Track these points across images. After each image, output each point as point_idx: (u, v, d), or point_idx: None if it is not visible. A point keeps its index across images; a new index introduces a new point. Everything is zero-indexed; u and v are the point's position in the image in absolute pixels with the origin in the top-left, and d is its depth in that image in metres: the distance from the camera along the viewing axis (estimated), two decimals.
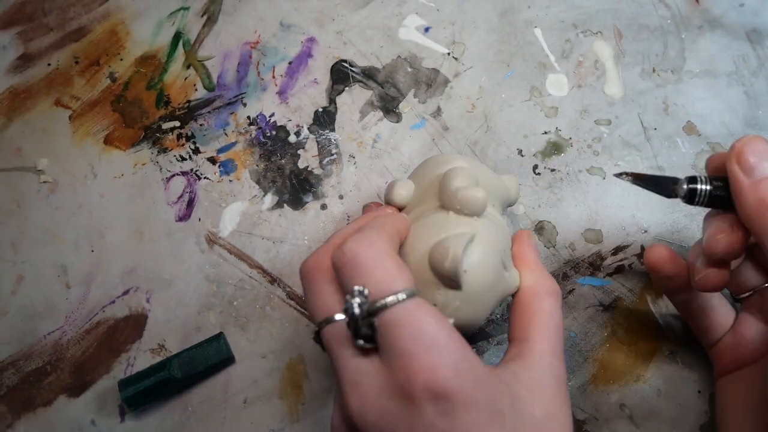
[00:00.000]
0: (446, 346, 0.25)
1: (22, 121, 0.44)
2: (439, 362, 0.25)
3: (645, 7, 0.44)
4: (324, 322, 0.28)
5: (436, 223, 0.29)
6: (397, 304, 0.25)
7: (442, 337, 0.25)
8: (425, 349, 0.25)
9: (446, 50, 0.44)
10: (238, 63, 0.44)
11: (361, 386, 0.26)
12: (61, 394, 0.39)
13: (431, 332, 0.25)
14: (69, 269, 0.41)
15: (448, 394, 0.24)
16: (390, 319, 0.25)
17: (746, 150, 0.28)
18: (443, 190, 0.30)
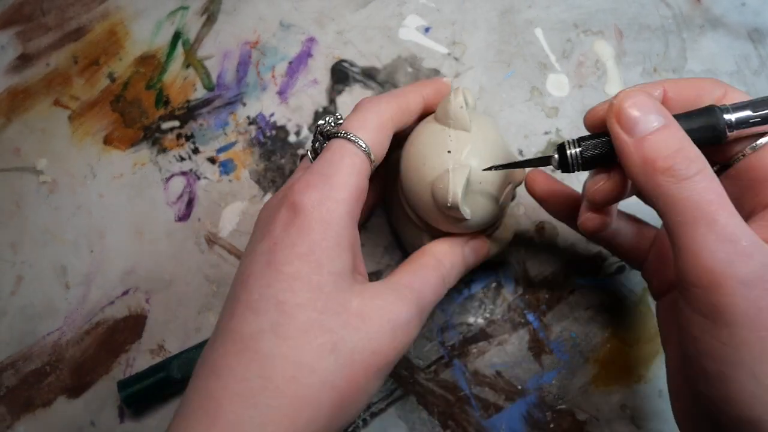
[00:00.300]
0: (334, 183, 0.28)
1: (21, 121, 0.44)
2: (315, 184, 0.28)
3: (646, 6, 0.44)
4: (303, 155, 0.34)
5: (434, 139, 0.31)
6: (344, 138, 0.29)
7: (339, 176, 0.28)
8: (319, 173, 0.28)
9: (446, 50, 0.44)
10: (238, 63, 0.44)
11: (277, 194, 0.30)
12: (61, 395, 0.39)
13: (338, 166, 0.28)
14: (68, 270, 0.41)
15: (299, 209, 0.27)
16: (329, 144, 0.29)
17: (625, 106, 0.26)
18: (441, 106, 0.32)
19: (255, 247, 0.28)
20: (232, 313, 0.27)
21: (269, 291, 0.26)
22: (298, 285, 0.26)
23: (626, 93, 0.26)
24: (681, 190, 0.24)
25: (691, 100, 0.28)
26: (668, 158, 0.24)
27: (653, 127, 0.25)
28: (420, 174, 0.31)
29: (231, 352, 0.26)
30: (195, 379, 0.26)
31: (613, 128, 0.26)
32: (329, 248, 0.27)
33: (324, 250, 0.27)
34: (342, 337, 0.26)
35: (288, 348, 0.25)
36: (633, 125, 0.25)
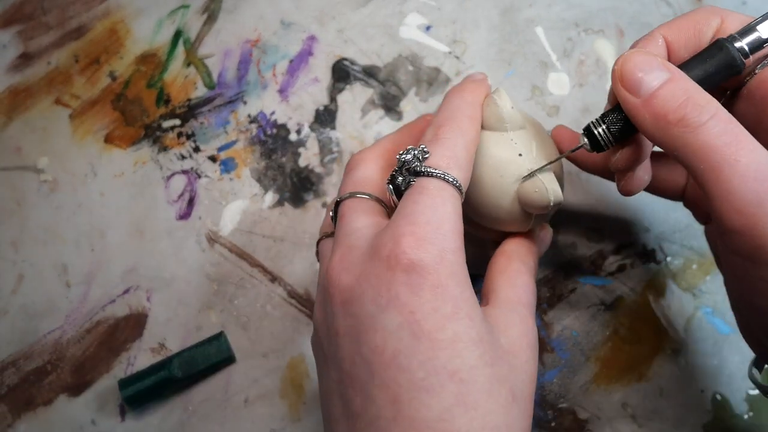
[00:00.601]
0: (447, 233, 0.25)
1: (22, 120, 0.44)
2: (429, 238, 0.25)
3: (647, 5, 0.44)
4: (351, 194, 0.29)
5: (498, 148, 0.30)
6: (440, 179, 0.26)
7: (450, 225, 0.25)
8: (427, 221, 0.25)
9: (447, 49, 0.44)
10: (239, 61, 0.44)
11: (351, 249, 0.27)
12: (62, 394, 0.39)
13: (444, 215, 0.26)
14: (69, 268, 0.41)
15: (422, 269, 0.24)
16: (422, 184, 0.26)
17: (627, 69, 0.26)
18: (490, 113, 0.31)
19: (378, 321, 0.24)
20: (394, 400, 0.24)
21: (434, 364, 0.23)
22: (461, 347, 0.24)
23: (625, 56, 0.26)
24: (697, 138, 0.24)
25: (692, 38, 0.28)
26: (678, 109, 0.24)
27: (658, 82, 0.25)
28: (499, 186, 0.30)
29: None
30: None
31: (620, 93, 0.26)
32: (468, 299, 0.25)
33: (466, 303, 0.25)
34: (513, 382, 0.25)
35: (482, 416, 0.23)
36: (638, 86, 0.25)
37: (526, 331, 0.27)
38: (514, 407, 0.24)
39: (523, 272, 0.30)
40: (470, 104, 0.30)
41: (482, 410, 0.23)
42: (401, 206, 0.26)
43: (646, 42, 0.28)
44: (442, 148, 0.27)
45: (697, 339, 0.38)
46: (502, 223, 0.32)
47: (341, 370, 0.26)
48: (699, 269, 0.39)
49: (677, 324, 0.38)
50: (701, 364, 0.37)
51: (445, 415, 0.23)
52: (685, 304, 0.38)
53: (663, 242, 0.39)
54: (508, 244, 0.32)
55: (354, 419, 0.25)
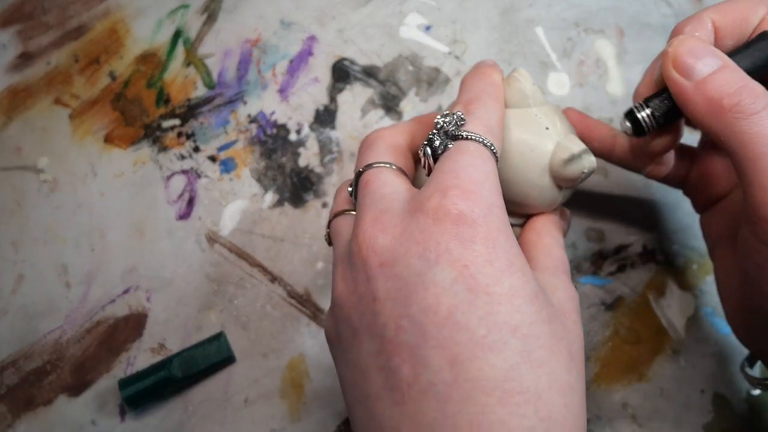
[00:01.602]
0: (490, 188, 0.25)
1: (21, 120, 0.44)
2: (477, 191, 0.24)
3: (647, 5, 0.44)
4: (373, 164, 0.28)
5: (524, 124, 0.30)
6: (477, 141, 0.26)
7: (490, 182, 0.25)
8: (471, 178, 0.24)
9: (447, 49, 0.44)
10: (239, 61, 0.44)
11: (385, 212, 0.25)
12: (62, 394, 0.39)
13: (485, 172, 0.25)
14: (69, 268, 0.41)
15: (474, 222, 0.23)
16: (461, 146, 0.26)
17: (680, 52, 0.26)
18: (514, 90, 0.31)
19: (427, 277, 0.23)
20: (453, 361, 0.22)
21: (494, 319, 0.22)
22: (519, 302, 0.23)
23: (680, 40, 0.26)
24: (750, 126, 0.24)
25: (737, 25, 0.28)
26: (734, 95, 0.24)
27: (711, 69, 0.25)
28: (529, 161, 0.30)
29: (491, 404, 0.21)
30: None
31: (671, 76, 0.26)
32: (519, 255, 0.24)
33: (518, 257, 0.24)
34: (569, 341, 0.24)
35: (547, 375, 0.22)
36: (691, 69, 0.25)
37: (571, 294, 0.27)
38: (573, 367, 0.23)
39: (556, 246, 0.30)
40: (491, 84, 0.30)
41: (548, 367, 0.22)
42: (440, 165, 0.26)
43: (696, 25, 0.28)
44: (476, 118, 0.27)
45: (697, 339, 0.38)
46: (531, 201, 0.31)
47: (383, 338, 0.23)
48: (699, 269, 0.39)
49: (677, 324, 0.38)
50: (701, 364, 0.37)
51: (511, 374, 0.22)
52: (685, 304, 0.38)
53: (663, 242, 0.39)
54: (535, 221, 0.32)
55: (402, 390, 0.23)
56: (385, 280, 0.24)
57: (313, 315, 0.39)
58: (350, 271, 0.25)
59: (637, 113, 0.28)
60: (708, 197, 0.33)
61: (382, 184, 0.27)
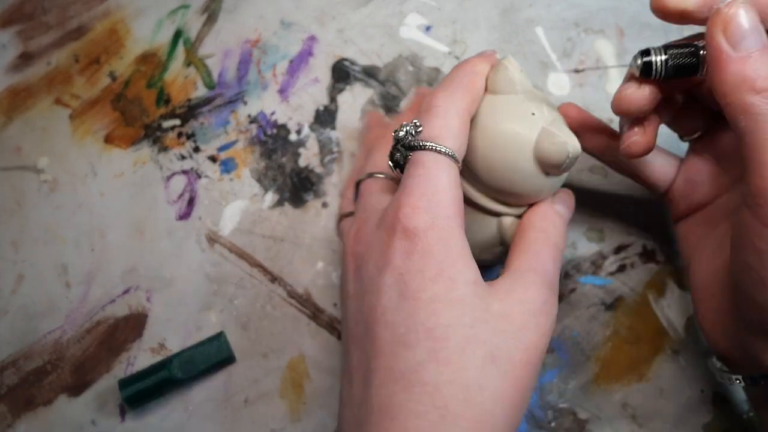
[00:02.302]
0: (441, 201, 0.27)
1: (21, 120, 0.44)
2: (423, 206, 0.27)
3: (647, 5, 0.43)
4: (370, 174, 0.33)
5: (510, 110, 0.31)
6: (434, 151, 0.28)
7: (443, 194, 0.27)
8: (423, 193, 0.27)
9: (447, 49, 0.44)
10: (239, 61, 0.44)
11: (365, 222, 0.30)
12: (62, 394, 0.39)
13: (438, 185, 0.28)
14: (69, 268, 0.41)
15: (415, 235, 0.27)
16: (420, 158, 0.28)
17: (738, 17, 0.25)
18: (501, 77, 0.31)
19: (376, 282, 0.27)
20: (378, 352, 0.26)
21: (413, 321, 0.26)
22: (440, 307, 0.26)
23: (738, 9, 0.25)
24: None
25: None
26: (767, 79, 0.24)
27: (758, 47, 0.24)
28: (515, 147, 0.30)
29: (397, 391, 0.25)
30: (367, 427, 0.26)
31: (715, 37, 0.25)
32: (455, 263, 0.27)
33: (451, 266, 0.27)
34: (496, 344, 0.26)
35: (452, 372, 0.25)
36: (740, 39, 0.25)
37: (528, 298, 0.28)
38: (492, 369, 0.25)
39: (538, 240, 0.30)
40: (467, 73, 0.31)
41: (453, 367, 0.25)
42: (402, 180, 0.29)
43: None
44: (434, 118, 0.29)
45: (697, 339, 0.38)
46: (518, 188, 0.31)
47: (347, 329, 0.29)
48: None
49: (677, 324, 0.38)
50: (701, 364, 0.37)
51: (417, 368, 0.25)
52: (685, 304, 0.38)
53: (663, 242, 0.39)
54: (528, 213, 0.32)
55: (351, 373, 0.28)
56: (353, 282, 0.30)
57: (313, 315, 0.39)
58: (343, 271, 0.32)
59: (653, 56, 0.27)
60: (690, 204, 0.33)
61: (371, 196, 0.32)
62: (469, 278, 0.27)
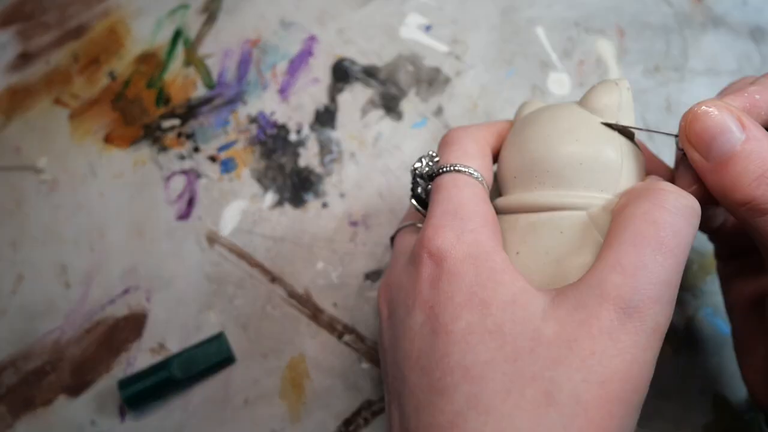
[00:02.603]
0: (464, 216, 0.24)
1: (21, 120, 0.44)
2: (444, 224, 0.24)
3: (647, 5, 0.44)
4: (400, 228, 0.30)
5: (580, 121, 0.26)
6: (452, 172, 0.26)
7: (466, 209, 0.24)
8: (444, 212, 0.25)
9: (448, 49, 0.44)
10: (239, 61, 0.44)
11: (395, 265, 0.27)
12: (61, 394, 0.39)
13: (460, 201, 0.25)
14: (69, 268, 0.41)
15: (440, 257, 0.23)
16: (439, 182, 0.26)
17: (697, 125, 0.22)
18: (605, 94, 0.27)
19: (406, 324, 0.24)
20: (415, 407, 0.22)
21: (449, 360, 0.22)
22: (474, 340, 0.21)
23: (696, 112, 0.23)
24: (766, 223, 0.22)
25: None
26: (749, 188, 0.21)
27: (731, 148, 0.22)
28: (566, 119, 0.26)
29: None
30: None
31: (686, 149, 0.23)
32: (487, 281, 0.22)
33: (483, 286, 0.22)
34: (552, 379, 0.20)
35: (497, 421, 0.20)
36: (707, 147, 0.22)
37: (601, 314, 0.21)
38: (551, 412, 0.20)
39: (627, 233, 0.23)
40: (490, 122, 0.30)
41: (496, 414, 0.20)
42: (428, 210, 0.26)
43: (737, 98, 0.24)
44: (449, 147, 0.27)
45: (698, 339, 0.37)
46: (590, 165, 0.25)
47: (387, 388, 0.25)
48: (699, 269, 0.39)
49: (677, 324, 0.38)
50: (701, 364, 0.37)
51: (457, 420, 0.21)
52: (686, 304, 0.38)
53: None
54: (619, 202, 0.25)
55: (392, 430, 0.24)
56: (387, 331, 0.26)
57: (314, 315, 0.39)
58: None
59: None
60: (738, 247, 0.30)
61: (401, 243, 0.29)
62: (507, 297, 0.22)
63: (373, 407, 0.37)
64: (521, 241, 0.26)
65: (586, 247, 0.24)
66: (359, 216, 0.40)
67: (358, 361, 0.38)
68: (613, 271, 0.22)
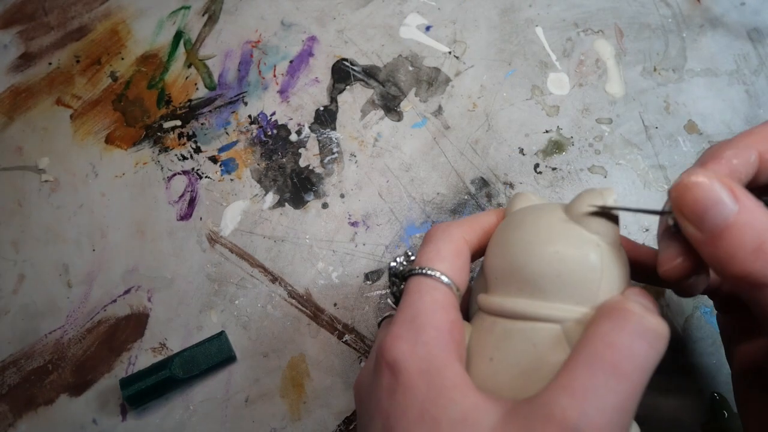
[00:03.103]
0: (420, 326, 0.24)
1: (23, 120, 0.44)
2: (402, 334, 0.24)
3: (646, 6, 0.44)
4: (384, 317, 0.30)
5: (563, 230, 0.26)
6: (420, 275, 0.26)
7: (423, 318, 0.24)
8: (403, 320, 0.25)
9: (447, 49, 0.44)
10: (239, 62, 0.44)
11: (368, 362, 0.27)
12: (63, 393, 0.39)
13: (419, 308, 0.25)
14: (70, 268, 0.41)
15: (396, 369, 0.24)
16: (408, 285, 0.26)
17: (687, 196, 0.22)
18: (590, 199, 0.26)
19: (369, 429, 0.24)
20: None
21: None
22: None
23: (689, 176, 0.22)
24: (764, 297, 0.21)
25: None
26: (744, 262, 0.21)
27: (725, 220, 0.21)
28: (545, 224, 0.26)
29: None
30: None
31: (680, 221, 0.22)
32: (438, 398, 0.22)
33: (434, 404, 0.22)
34: None
35: None
36: (700, 219, 0.21)
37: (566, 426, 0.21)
38: None
39: (582, 359, 0.22)
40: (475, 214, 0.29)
41: None
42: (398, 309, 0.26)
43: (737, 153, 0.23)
44: (425, 247, 0.27)
45: (696, 338, 0.38)
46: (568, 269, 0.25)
47: None
48: None
49: (676, 323, 0.38)
50: (700, 364, 0.37)
51: None
52: (684, 304, 0.38)
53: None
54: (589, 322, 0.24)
55: None
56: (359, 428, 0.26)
57: (314, 315, 0.39)
58: None
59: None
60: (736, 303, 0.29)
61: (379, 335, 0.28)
62: (457, 415, 0.22)
63: None
64: (495, 347, 0.25)
65: (556, 363, 0.23)
66: (359, 216, 0.41)
67: (358, 360, 0.38)
68: (563, 392, 0.21)
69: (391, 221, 0.40)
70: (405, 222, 0.40)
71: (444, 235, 0.27)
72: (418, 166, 0.41)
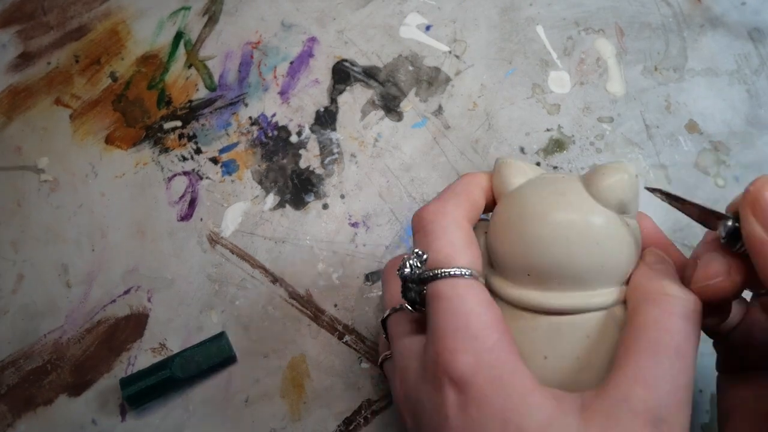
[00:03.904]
0: (477, 333, 0.23)
1: (22, 120, 0.44)
2: (460, 347, 0.23)
3: (647, 5, 0.44)
4: (392, 311, 0.28)
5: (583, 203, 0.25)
6: (448, 277, 0.24)
7: (477, 323, 0.23)
8: (455, 329, 0.23)
9: (447, 48, 0.44)
10: (240, 63, 0.44)
11: (406, 371, 0.26)
12: (62, 393, 0.39)
13: (467, 314, 0.24)
14: (70, 268, 0.41)
15: (463, 384, 0.22)
16: (436, 290, 0.24)
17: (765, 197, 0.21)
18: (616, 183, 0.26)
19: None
20: None
21: None
22: None
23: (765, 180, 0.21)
24: None
25: None
26: None
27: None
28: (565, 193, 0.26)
29: None
30: None
31: (747, 222, 0.21)
32: (519, 405, 0.22)
33: (515, 411, 0.22)
34: None
35: None
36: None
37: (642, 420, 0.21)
38: None
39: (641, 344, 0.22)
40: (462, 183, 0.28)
41: None
42: (429, 320, 0.25)
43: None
44: (434, 241, 0.26)
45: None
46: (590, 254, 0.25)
47: None
48: None
49: None
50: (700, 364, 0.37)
51: None
52: None
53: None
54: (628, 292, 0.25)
55: None
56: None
57: (314, 316, 0.39)
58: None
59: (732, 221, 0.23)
60: (743, 361, 0.29)
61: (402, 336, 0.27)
62: (542, 420, 0.21)
63: (372, 406, 0.37)
64: (548, 345, 0.25)
65: (609, 347, 0.24)
66: (360, 217, 0.41)
67: (358, 361, 0.38)
68: (637, 384, 0.21)
69: (391, 222, 0.40)
70: (405, 222, 0.40)
71: (449, 223, 0.26)
72: (419, 166, 0.41)
